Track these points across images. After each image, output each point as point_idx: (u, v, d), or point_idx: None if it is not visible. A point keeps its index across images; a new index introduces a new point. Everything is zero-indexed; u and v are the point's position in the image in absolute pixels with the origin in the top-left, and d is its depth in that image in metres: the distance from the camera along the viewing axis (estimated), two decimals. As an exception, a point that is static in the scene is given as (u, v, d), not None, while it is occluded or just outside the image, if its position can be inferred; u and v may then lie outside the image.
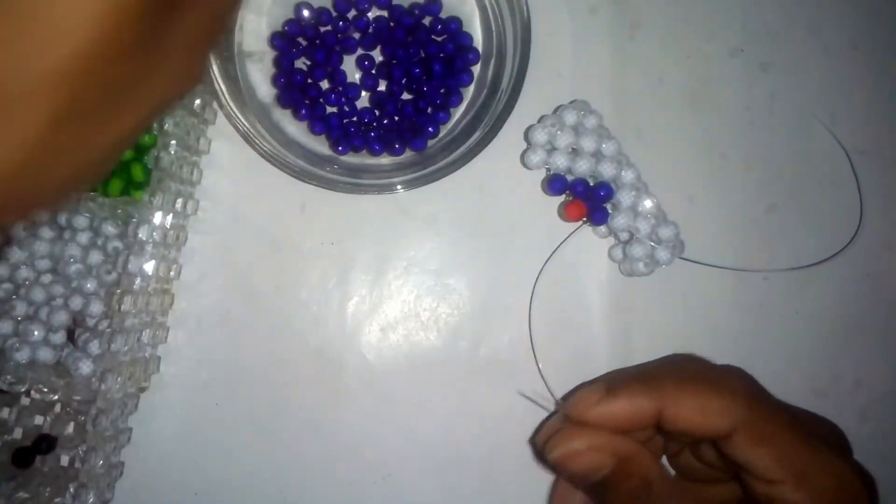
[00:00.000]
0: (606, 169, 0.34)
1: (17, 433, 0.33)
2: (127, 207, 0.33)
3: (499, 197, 0.37)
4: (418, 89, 0.35)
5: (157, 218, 0.32)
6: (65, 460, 0.33)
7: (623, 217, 0.34)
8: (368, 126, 0.36)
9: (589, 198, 0.34)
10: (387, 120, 0.36)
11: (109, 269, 0.33)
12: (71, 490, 0.31)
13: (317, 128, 0.35)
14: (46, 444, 0.33)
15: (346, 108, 0.36)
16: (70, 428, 0.33)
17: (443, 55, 0.35)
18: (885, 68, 0.38)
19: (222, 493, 0.35)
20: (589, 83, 0.37)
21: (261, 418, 0.35)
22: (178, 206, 0.33)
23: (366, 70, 0.36)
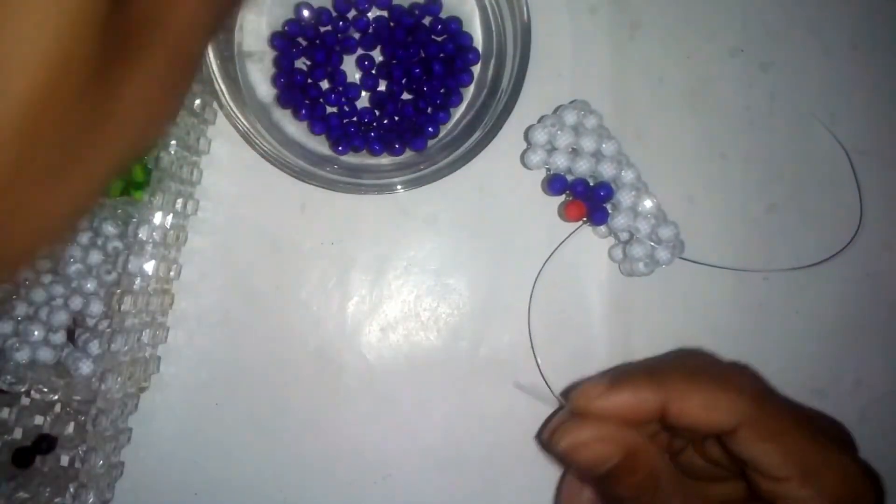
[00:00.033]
0: (606, 169, 0.34)
1: (17, 433, 0.33)
2: (127, 207, 0.33)
3: (499, 197, 0.37)
4: (418, 89, 0.35)
5: (157, 218, 0.32)
6: (65, 460, 0.33)
7: (623, 217, 0.34)
8: (368, 126, 0.36)
9: (589, 198, 0.34)
10: (387, 120, 0.36)
11: (109, 269, 0.33)
12: (71, 490, 0.31)
13: (317, 128, 0.35)
14: (46, 444, 0.33)
15: (346, 108, 0.36)
16: (70, 428, 0.34)
17: (443, 55, 0.35)
18: (885, 68, 0.38)
19: (222, 493, 0.35)
20: (589, 83, 0.37)
21: (261, 418, 0.35)
22: (178, 206, 0.33)
23: (366, 70, 0.36)
